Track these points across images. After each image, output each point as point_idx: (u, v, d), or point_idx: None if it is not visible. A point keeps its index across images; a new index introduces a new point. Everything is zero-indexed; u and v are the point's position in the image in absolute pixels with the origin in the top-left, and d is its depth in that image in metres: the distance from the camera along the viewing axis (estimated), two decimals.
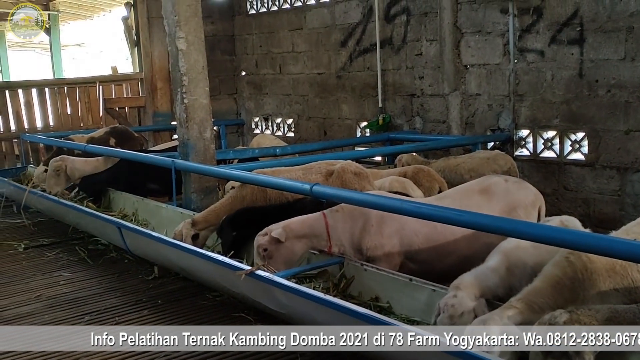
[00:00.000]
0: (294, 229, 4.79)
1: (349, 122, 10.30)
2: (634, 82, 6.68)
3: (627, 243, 3.27)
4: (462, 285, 3.69)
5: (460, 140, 8.07)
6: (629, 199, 6.86)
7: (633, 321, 3.09)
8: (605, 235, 3.54)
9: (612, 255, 3.28)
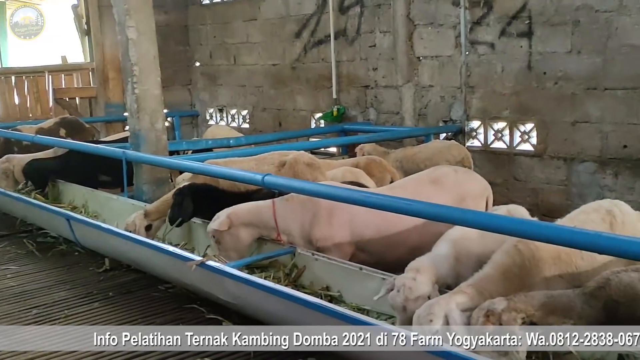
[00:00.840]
0: (241, 215, 4.80)
1: (303, 114, 10.30)
2: (580, 75, 6.85)
3: (570, 231, 3.36)
4: (422, 269, 3.71)
5: (413, 131, 8.16)
6: (575, 188, 7.04)
7: (567, 305, 3.18)
8: (550, 223, 3.63)
9: (557, 243, 3.36)
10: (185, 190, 5.45)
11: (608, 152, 6.76)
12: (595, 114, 6.80)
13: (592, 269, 3.57)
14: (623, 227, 3.93)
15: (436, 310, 3.32)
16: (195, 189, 5.48)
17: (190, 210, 5.36)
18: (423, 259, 3.82)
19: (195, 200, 5.36)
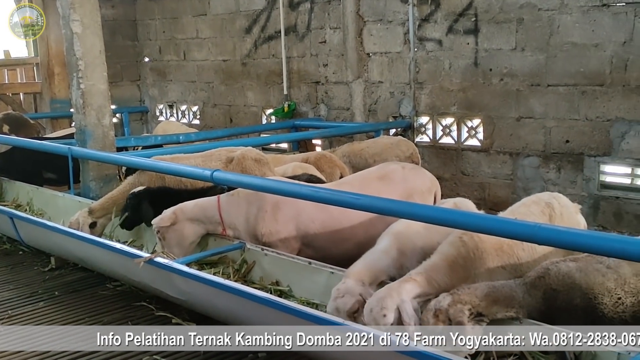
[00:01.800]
0: (186, 211, 4.80)
1: (254, 110, 10.28)
2: (524, 71, 7.02)
3: (510, 223, 3.45)
4: (350, 274, 3.80)
5: (363, 127, 8.23)
6: (520, 182, 7.22)
7: (510, 295, 3.27)
8: (492, 216, 3.73)
9: (498, 234, 3.45)
10: (142, 194, 5.38)
11: (551, 147, 6.95)
12: (539, 110, 6.98)
13: (532, 260, 3.68)
14: (561, 219, 4.07)
15: (389, 303, 3.37)
16: (152, 193, 5.42)
17: (150, 215, 5.30)
18: (357, 264, 3.89)
19: (152, 204, 5.30)
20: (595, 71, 6.48)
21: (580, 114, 6.67)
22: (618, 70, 6.33)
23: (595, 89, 6.52)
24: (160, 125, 9.50)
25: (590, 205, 6.63)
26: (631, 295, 3.34)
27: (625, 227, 6.40)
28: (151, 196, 5.33)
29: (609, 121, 6.46)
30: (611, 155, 6.51)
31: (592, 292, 3.31)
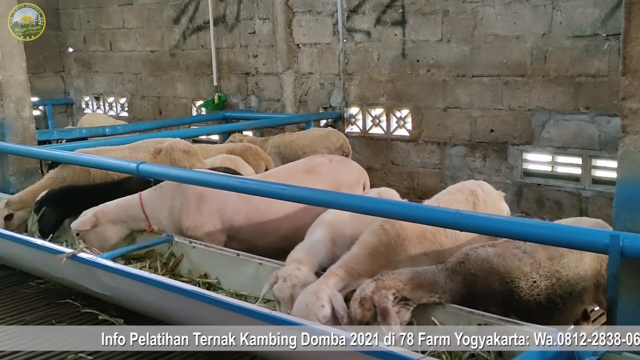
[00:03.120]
0: (107, 213, 4.70)
1: (184, 101, 10.13)
2: (450, 62, 7.16)
3: (432, 210, 3.53)
4: (304, 260, 3.78)
5: (294, 118, 8.24)
6: (448, 171, 7.38)
7: (432, 280, 3.35)
8: (414, 204, 3.80)
9: (420, 222, 3.52)
10: (45, 199, 5.19)
11: (477, 136, 7.13)
12: (464, 100, 7.15)
13: (455, 247, 3.77)
14: (485, 206, 4.18)
15: (323, 295, 3.39)
16: (56, 195, 5.24)
17: (53, 220, 5.13)
18: (300, 250, 3.88)
19: (60, 205, 5.13)
20: (517, 62, 6.68)
21: (504, 103, 6.86)
22: (538, 62, 6.55)
23: (517, 80, 6.72)
24: (86, 117, 9.24)
25: (514, 192, 6.85)
26: (545, 278, 3.47)
27: (546, 213, 6.64)
28: (55, 200, 5.17)
29: (530, 111, 6.68)
30: (533, 144, 6.73)
31: (509, 276, 3.43)
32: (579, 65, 6.29)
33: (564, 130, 6.49)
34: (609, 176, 6.22)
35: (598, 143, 6.28)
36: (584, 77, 6.29)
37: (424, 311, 3.34)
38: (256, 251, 4.42)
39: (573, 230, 3.07)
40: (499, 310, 3.37)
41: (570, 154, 6.51)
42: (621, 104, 2.83)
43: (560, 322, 3.64)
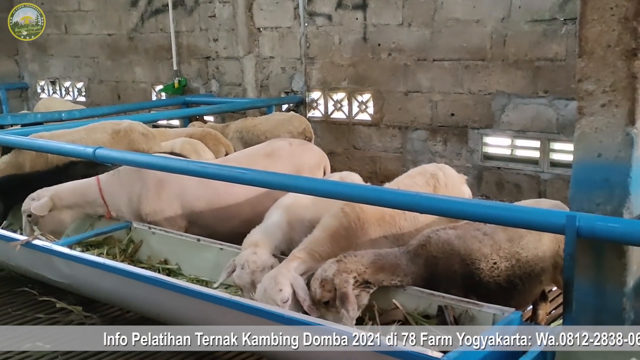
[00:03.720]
0: (63, 197, 4.61)
1: (143, 86, 9.96)
2: (410, 46, 7.17)
3: (392, 192, 3.53)
4: (260, 243, 3.76)
5: (255, 102, 8.17)
6: (409, 155, 7.41)
7: (394, 263, 3.36)
8: (374, 187, 3.81)
9: (380, 204, 3.52)
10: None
11: (438, 120, 7.17)
12: (425, 84, 7.17)
13: (415, 230, 3.79)
14: (446, 189, 4.21)
15: (282, 279, 3.38)
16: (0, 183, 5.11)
17: (1, 209, 5.00)
18: (257, 233, 3.86)
19: (5, 194, 4.99)
20: (477, 46, 6.72)
21: (464, 87, 6.90)
22: (498, 46, 6.60)
23: (477, 64, 6.77)
24: (42, 102, 9.00)
25: (474, 175, 6.91)
26: (505, 259, 3.51)
27: (506, 196, 6.72)
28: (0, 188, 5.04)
29: (490, 94, 6.74)
30: (493, 128, 6.80)
31: (469, 257, 3.46)
32: (538, 50, 6.36)
33: (523, 114, 6.56)
34: (566, 159, 6.31)
35: (556, 126, 6.37)
36: (542, 61, 6.36)
37: (385, 293, 3.35)
38: (217, 236, 4.38)
39: (531, 212, 3.10)
40: (460, 292, 3.40)
41: (529, 137, 6.59)
42: (577, 86, 2.86)
43: (520, 302, 3.71)
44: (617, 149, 2.81)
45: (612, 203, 2.88)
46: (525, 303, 3.95)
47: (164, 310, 3.99)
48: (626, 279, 2.89)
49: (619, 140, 2.80)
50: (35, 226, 4.51)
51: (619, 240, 2.79)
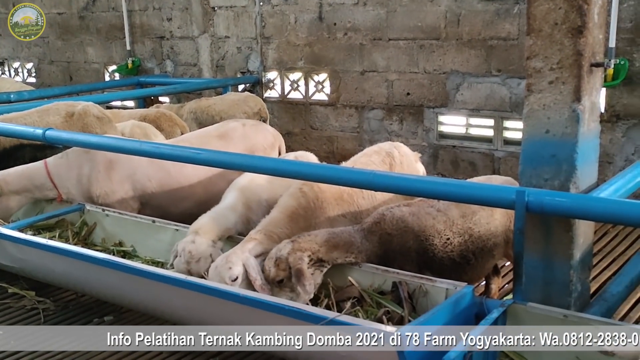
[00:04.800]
0: (11, 182, 4.51)
1: (96, 66, 9.75)
2: (366, 26, 7.17)
3: (348, 171, 3.55)
4: (201, 231, 3.74)
5: (211, 83, 8.08)
6: (366, 135, 7.45)
7: (348, 240, 3.38)
8: (331, 165, 3.82)
9: (337, 183, 3.54)
10: None
11: (394, 99, 7.20)
12: (381, 64, 7.19)
13: (372, 207, 3.82)
14: (402, 167, 4.25)
15: (233, 258, 3.38)
16: None
17: None
18: (202, 219, 3.84)
19: None
20: (432, 25, 6.76)
21: (419, 67, 6.95)
22: (452, 25, 6.65)
23: (432, 43, 6.81)
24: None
25: (430, 154, 6.99)
26: (459, 235, 3.57)
27: (461, 173, 6.82)
28: None
29: (445, 74, 6.79)
30: (448, 107, 6.87)
31: (423, 234, 3.50)
32: (491, 29, 6.43)
33: (477, 93, 6.64)
34: (519, 137, 6.40)
35: (509, 105, 6.47)
36: (495, 41, 6.43)
37: (340, 271, 3.38)
38: (171, 218, 4.35)
39: (481, 188, 3.16)
40: (414, 268, 3.45)
41: (483, 115, 6.68)
42: (526, 63, 2.91)
43: (473, 277, 3.78)
44: (564, 125, 2.88)
45: (560, 178, 2.95)
46: (479, 278, 4.03)
47: (119, 293, 3.96)
48: (573, 252, 2.98)
49: (565, 117, 2.87)
50: None
51: (566, 214, 2.86)
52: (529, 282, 3.05)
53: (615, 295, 3.26)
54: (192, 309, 3.48)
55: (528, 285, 3.05)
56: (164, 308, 3.75)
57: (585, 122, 2.89)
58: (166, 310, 3.78)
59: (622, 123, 5.87)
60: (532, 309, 2.87)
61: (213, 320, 3.24)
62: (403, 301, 3.13)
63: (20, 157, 4.85)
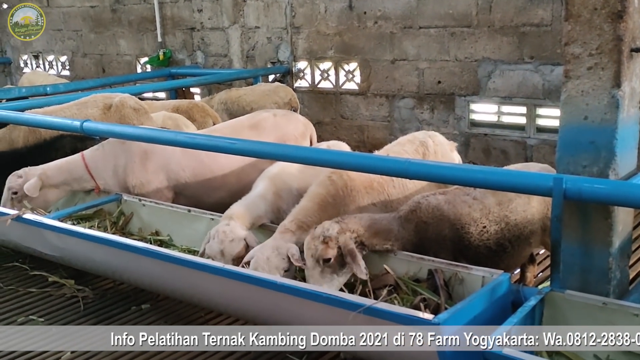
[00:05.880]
0: (51, 176, 4.60)
1: (128, 58, 9.86)
2: (396, 14, 7.14)
3: (380, 159, 3.55)
4: (235, 216, 3.79)
5: (241, 73, 8.12)
6: (397, 124, 7.43)
7: (388, 228, 3.39)
8: (362, 154, 3.82)
9: (368, 171, 3.54)
10: None
11: (424, 88, 7.17)
12: (412, 52, 7.15)
13: (403, 197, 3.82)
14: (436, 156, 4.23)
15: (283, 251, 3.40)
16: None
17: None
18: (235, 206, 3.88)
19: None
20: (463, 13, 6.70)
21: (450, 55, 6.90)
22: (484, 12, 6.58)
23: (463, 30, 6.75)
24: (26, 76, 8.90)
25: (461, 142, 6.94)
26: (495, 223, 3.55)
27: (493, 162, 6.77)
28: None
29: (476, 61, 6.74)
30: (479, 95, 6.81)
31: (459, 222, 3.50)
32: (523, 15, 6.35)
33: (509, 80, 6.58)
34: (552, 124, 6.35)
35: (542, 92, 6.40)
36: (528, 27, 6.36)
37: (375, 259, 3.39)
38: (204, 207, 4.41)
39: (518, 175, 3.14)
40: (449, 256, 3.44)
41: (515, 103, 6.62)
42: (564, 49, 2.88)
43: (509, 265, 3.76)
44: (603, 111, 2.85)
45: (598, 165, 2.92)
46: (514, 266, 4.01)
47: (156, 281, 4.03)
48: (612, 239, 2.95)
49: (604, 103, 2.84)
50: (19, 204, 4.49)
51: (604, 201, 2.84)
52: (566, 270, 3.03)
53: None
54: (229, 297, 3.53)
55: (565, 273, 3.03)
56: (200, 296, 3.82)
57: (625, 108, 2.85)
58: (203, 298, 3.84)
59: None
60: (570, 297, 2.85)
61: (250, 308, 3.28)
62: (439, 289, 3.13)
63: (60, 148, 4.96)
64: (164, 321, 4.10)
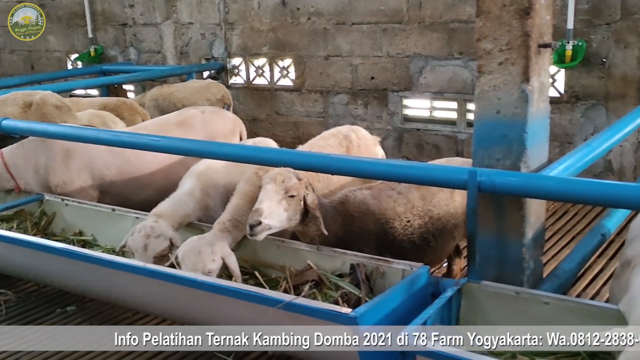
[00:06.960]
0: None
1: (58, 55, 9.60)
2: (329, 10, 7.16)
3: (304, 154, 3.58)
4: (163, 214, 3.73)
5: (174, 70, 8.01)
6: (332, 119, 7.45)
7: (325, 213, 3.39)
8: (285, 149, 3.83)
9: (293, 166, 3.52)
10: None
11: (358, 84, 7.21)
12: (345, 48, 7.19)
13: (328, 191, 3.84)
14: (359, 150, 4.26)
15: (218, 250, 3.35)
16: None
17: None
18: (164, 204, 3.83)
19: None
20: (394, 9, 6.77)
21: (383, 51, 6.96)
22: (414, 8, 6.66)
23: (394, 27, 6.82)
24: None
25: (395, 138, 7.02)
26: (419, 217, 3.61)
27: (425, 157, 6.86)
28: None
29: (408, 57, 6.82)
30: (412, 90, 6.90)
31: (383, 217, 3.53)
32: (452, 12, 6.46)
33: (439, 76, 6.68)
34: None
35: (471, 87, 6.51)
36: (456, 23, 6.47)
37: (299, 254, 3.39)
38: (131, 206, 4.33)
39: (434, 169, 3.20)
40: (374, 251, 3.47)
41: (446, 98, 6.73)
42: (476, 45, 2.94)
43: (434, 259, 3.83)
44: (514, 105, 2.92)
45: (511, 158, 3.00)
46: (440, 259, 4.08)
47: (81, 283, 3.93)
48: (525, 230, 3.04)
49: (515, 97, 2.91)
50: None
51: (516, 193, 2.91)
52: (483, 261, 3.10)
53: (567, 271, 3.33)
54: (152, 296, 3.48)
55: (482, 264, 3.10)
56: (125, 296, 3.75)
57: (535, 102, 2.93)
58: (127, 299, 3.77)
59: (581, 103, 5.97)
60: (485, 287, 2.91)
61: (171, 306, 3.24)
62: (360, 283, 3.15)
63: None
64: (89, 323, 4.02)
